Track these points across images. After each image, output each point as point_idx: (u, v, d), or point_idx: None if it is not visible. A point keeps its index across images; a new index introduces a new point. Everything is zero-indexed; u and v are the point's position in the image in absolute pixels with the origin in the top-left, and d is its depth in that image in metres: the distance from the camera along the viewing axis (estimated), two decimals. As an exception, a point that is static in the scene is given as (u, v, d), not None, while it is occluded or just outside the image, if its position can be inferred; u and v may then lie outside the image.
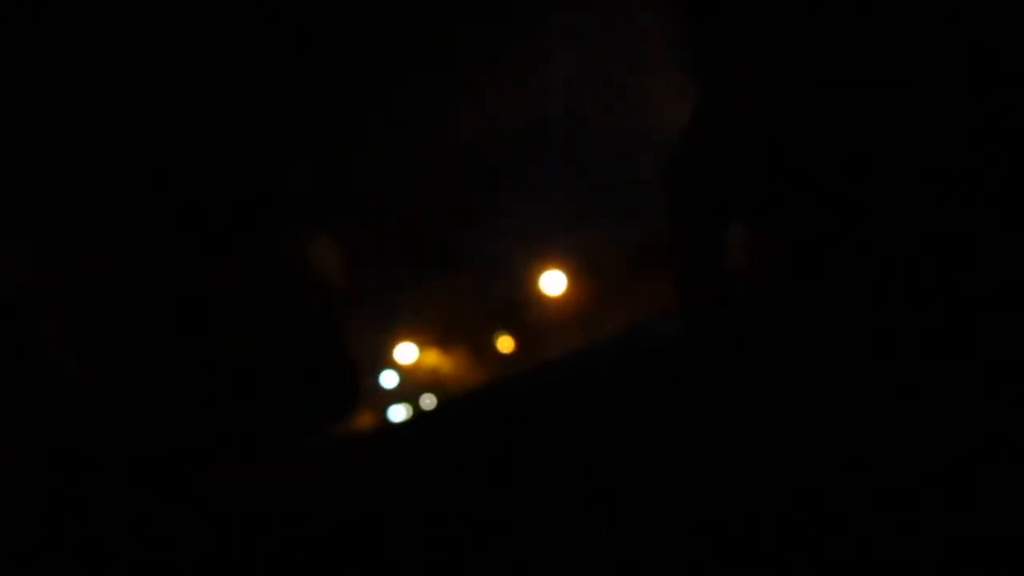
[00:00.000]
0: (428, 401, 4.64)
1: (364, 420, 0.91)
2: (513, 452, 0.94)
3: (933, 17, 0.78)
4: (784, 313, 0.84)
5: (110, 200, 0.81)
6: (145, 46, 1.42)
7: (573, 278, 4.42)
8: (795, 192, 0.84)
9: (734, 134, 0.89)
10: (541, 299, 4.49)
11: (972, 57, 0.78)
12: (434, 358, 4.74)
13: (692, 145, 0.91)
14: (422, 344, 4.72)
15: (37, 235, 0.83)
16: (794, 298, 0.84)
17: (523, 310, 4.52)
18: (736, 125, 0.88)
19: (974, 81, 0.78)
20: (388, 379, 4.70)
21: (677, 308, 0.92)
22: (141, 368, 0.78)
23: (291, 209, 0.84)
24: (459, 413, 1.11)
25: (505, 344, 4.67)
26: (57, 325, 0.80)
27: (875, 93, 0.81)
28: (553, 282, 4.46)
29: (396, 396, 4.68)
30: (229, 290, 0.79)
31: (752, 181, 0.88)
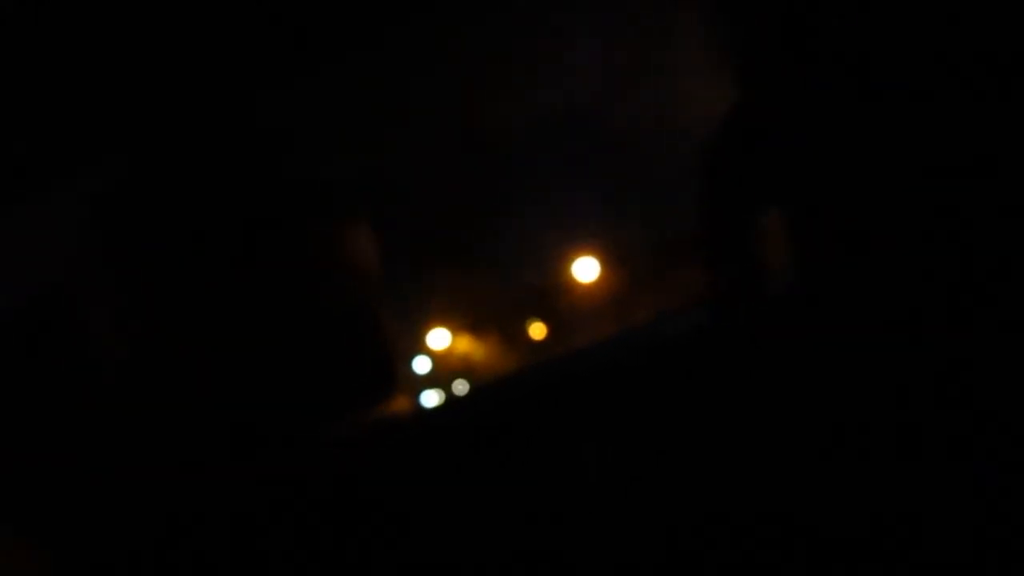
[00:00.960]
0: (460, 387, 4.66)
1: (397, 405, 0.92)
2: (543, 440, 0.95)
3: (976, 8, 0.78)
4: (815, 305, 0.84)
5: (149, 192, 0.82)
6: (182, 35, 1.44)
7: (606, 265, 4.41)
8: (828, 183, 0.83)
9: (767, 124, 0.89)
10: (573, 286, 4.48)
11: (1013, 46, 0.77)
12: (466, 344, 4.75)
13: (725, 135, 0.91)
14: (455, 330, 4.74)
15: (77, 227, 0.84)
16: (826, 290, 0.84)
17: (555, 297, 4.52)
18: (770, 115, 0.88)
19: (1014, 70, 0.77)
20: (421, 365, 4.72)
21: (708, 298, 0.92)
22: (182, 355, 0.79)
23: (327, 197, 0.85)
24: (491, 400, 1.11)
25: (537, 331, 4.67)
26: (100, 315, 0.81)
27: (913, 84, 0.81)
28: (585, 269, 4.45)
29: (428, 382, 4.70)
30: (268, 278, 0.80)
31: (785, 172, 0.88)
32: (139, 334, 0.80)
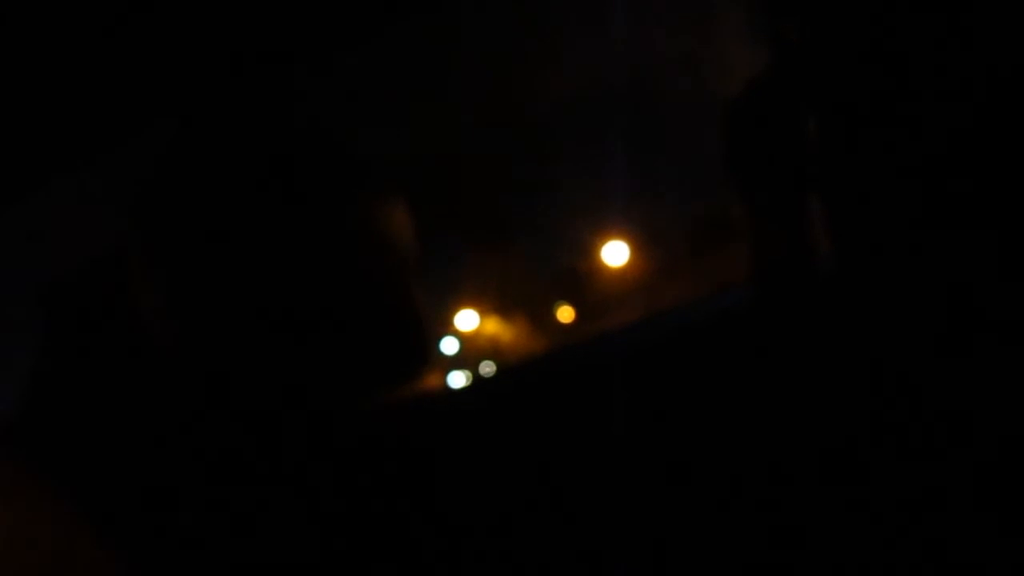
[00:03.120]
0: (487, 369, 4.67)
1: (428, 383, 0.92)
2: (570, 423, 0.94)
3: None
4: (861, 286, 0.81)
5: (193, 167, 0.83)
6: (226, 11, 1.44)
7: (635, 249, 4.39)
8: (873, 161, 0.81)
9: (811, 101, 0.87)
10: (602, 270, 4.47)
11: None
12: (494, 326, 4.76)
13: (767, 113, 0.89)
14: (483, 312, 4.75)
15: (123, 200, 0.85)
16: (872, 270, 0.81)
17: (584, 281, 4.51)
18: (814, 92, 0.86)
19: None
20: (448, 346, 4.74)
21: (746, 280, 0.90)
22: (223, 323, 0.80)
23: (364, 173, 0.85)
24: (518, 382, 1.10)
25: (565, 314, 4.67)
26: (145, 288, 0.82)
27: (960, 59, 0.78)
28: (615, 253, 4.44)
29: (456, 363, 4.72)
30: (306, 250, 0.81)
31: (828, 150, 0.85)
32: (182, 306, 0.81)
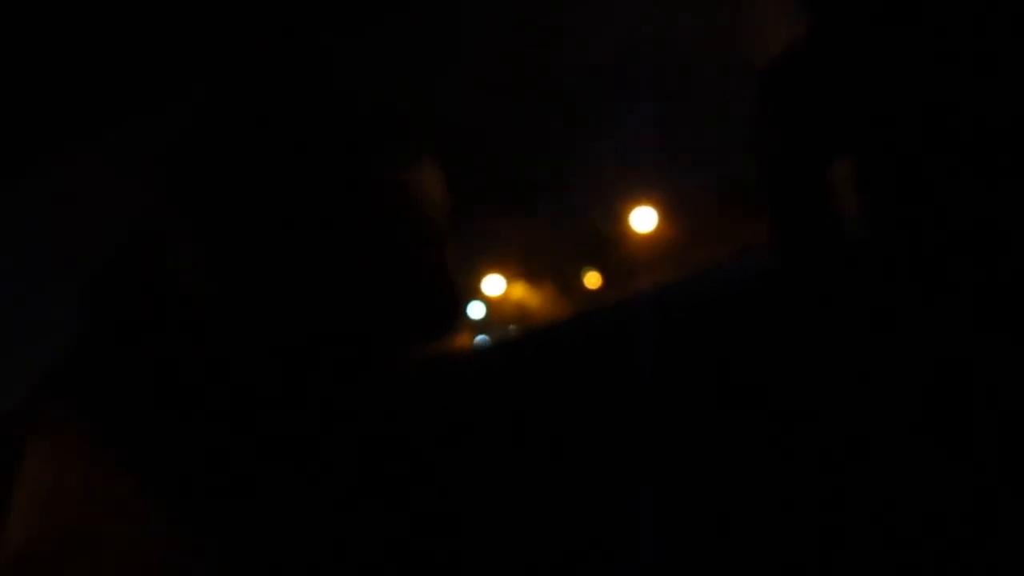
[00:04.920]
0: (513, 334, 4.67)
1: (457, 343, 0.93)
2: (594, 385, 0.94)
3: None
4: (884, 251, 0.81)
5: (227, 129, 0.84)
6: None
7: (663, 215, 4.37)
8: (899, 128, 0.81)
9: (838, 67, 0.86)
10: (630, 236, 4.45)
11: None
12: (521, 291, 4.77)
13: (793, 78, 0.89)
14: (510, 277, 4.75)
15: (160, 164, 0.86)
16: (892, 239, 0.81)
17: (612, 247, 4.50)
18: (841, 57, 0.85)
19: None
20: (475, 310, 4.75)
21: (769, 245, 0.90)
22: (258, 285, 0.81)
23: (398, 135, 0.86)
24: (543, 343, 1.11)
25: (592, 280, 4.66)
26: (184, 251, 0.83)
27: (983, 31, 0.77)
28: (643, 219, 4.42)
29: (482, 327, 4.73)
30: (341, 211, 0.82)
31: (854, 116, 0.85)
32: (218, 269, 0.82)
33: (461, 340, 0.94)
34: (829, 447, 0.82)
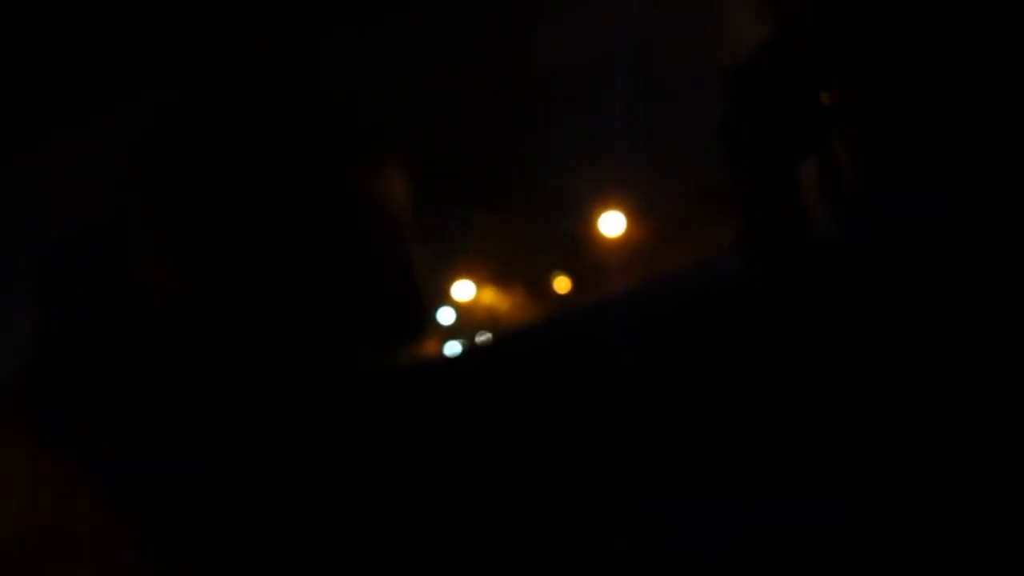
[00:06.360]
0: (484, 339, 4.67)
1: (424, 350, 0.92)
2: (565, 390, 0.94)
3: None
4: (856, 256, 0.82)
5: (194, 124, 0.83)
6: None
7: (632, 219, 4.39)
8: (865, 127, 0.81)
9: (805, 68, 0.86)
10: (599, 240, 4.46)
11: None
12: (491, 296, 4.76)
13: (760, 80, 0.89)
14: (479, 282, 4.74)
15: (123, 156, 0.84)
16: (863, 236, 0.81)
17: (581, 250, 4.51)
18: (809, 58, 0.85)
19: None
20: (445, 316, 4.74)
21: (740, 247, 0.90)
22: (221, 289, 0.80)
23: (364, 137, 0.85)
24: (513, 349, 1.10)
25: (562, 284, 4.67)
26: (144, 246, 0.82)
27: (954, 27, 0.78)
28: (612, 223, 4.43)
29: (452, 332, 4.72)
30: (304, 216, 0.81)
31: (821, 116, 0.85)
32: (182, 270, 0.81)
33: (429, 346, 0.93)
34: (805, 449, 0.82)
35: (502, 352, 1.08)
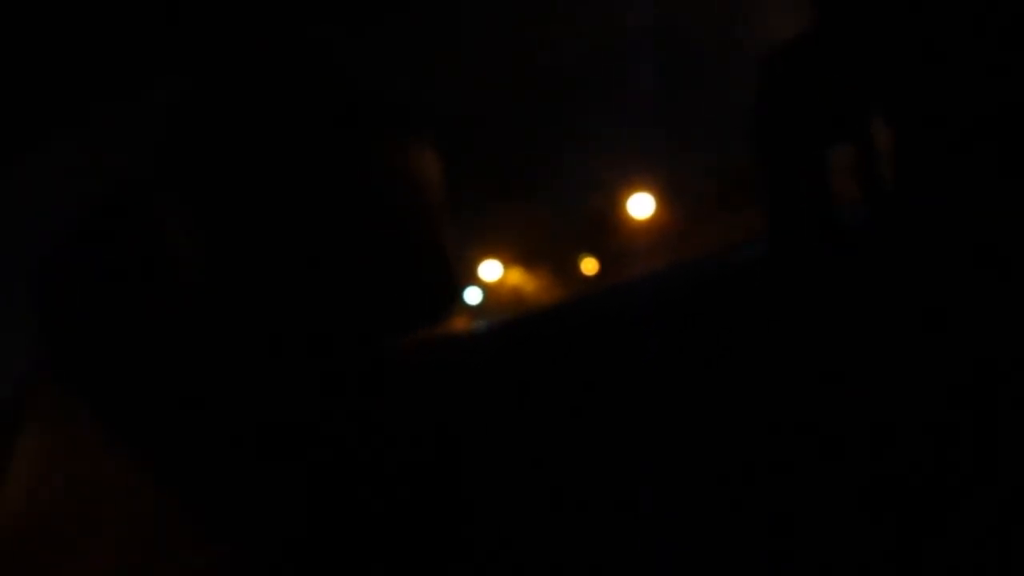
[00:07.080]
0: (509, 319, 4.66)
1: (454, 327, 0.93)
2: (590, 371, 0.94)
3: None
4: (883, 241, 0.81)
5: (223, 104, 0.83)
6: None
7: (661, 202, 4.36)
8: (900, 112, 0.80)
9: (840, 52, 0.86)
10: (628, 222, 4.44)
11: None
12: (517, 277, 4.76)
13: (795, 64, 0.88)
14: (506, 263, 4.74)
15: (152, 133, 0.85)
16: (895, 224, 0.81)
17: (609, 233, 4.49)
18: (844, 43, 0.85)
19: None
20: (472, 296, 4.74)
21: (768, 233, 0.90)
22: (252, 262, 0.81)
23: (396, 116, 0.86)
24: (539, 329, 1.11)
25: (589, 266, 4.66)
26: (174, 221, 0.83)
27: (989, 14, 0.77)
28: (641, 205, 4.41)
29: (479, 312, 4.73)
30: (336, 191, 0.82)
31: (855, 105, 0.85)
32: (209, 244, 0.81)
33: (458, 324, 0.94)
34: (827, 438, 0.82)
35: (528, 331, 1.09)
